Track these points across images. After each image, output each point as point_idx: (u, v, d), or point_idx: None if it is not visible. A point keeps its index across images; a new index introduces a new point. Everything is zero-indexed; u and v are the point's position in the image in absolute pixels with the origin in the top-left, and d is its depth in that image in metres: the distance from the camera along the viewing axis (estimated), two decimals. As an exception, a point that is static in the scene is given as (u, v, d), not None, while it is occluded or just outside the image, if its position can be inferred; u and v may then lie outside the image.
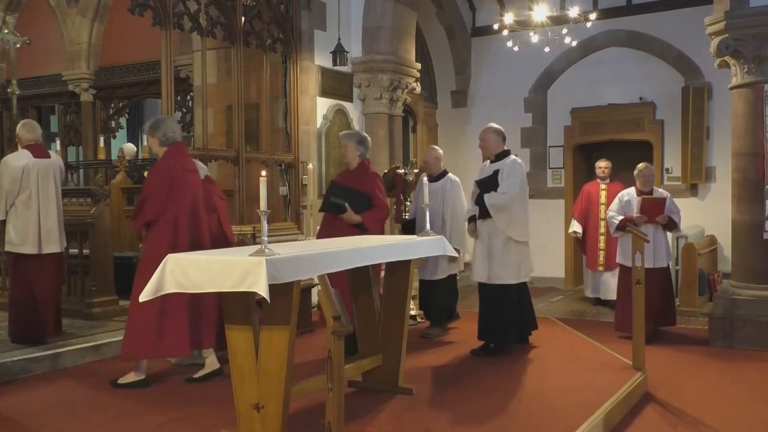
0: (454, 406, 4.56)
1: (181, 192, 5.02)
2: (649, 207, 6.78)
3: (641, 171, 7.05)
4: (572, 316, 8.26)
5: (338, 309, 3.10)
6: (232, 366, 3.82)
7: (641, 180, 7.02)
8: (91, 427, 4.24)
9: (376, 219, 5.72)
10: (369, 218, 5.65)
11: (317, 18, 8.22)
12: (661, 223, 6.78)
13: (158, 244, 4.90)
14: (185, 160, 5.20)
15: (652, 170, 7.14)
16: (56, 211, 5.93)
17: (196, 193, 5.16)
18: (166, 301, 4.68)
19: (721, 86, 8.30)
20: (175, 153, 5.12)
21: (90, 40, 10.57)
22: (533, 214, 10.81)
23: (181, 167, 5.08)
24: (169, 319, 4.88)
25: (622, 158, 10.75)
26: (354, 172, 5.90)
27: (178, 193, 5.01)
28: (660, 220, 6.76)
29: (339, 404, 3.22)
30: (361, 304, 4.93)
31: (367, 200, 5.69)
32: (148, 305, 4.51)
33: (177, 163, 5.08)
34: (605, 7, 10.10)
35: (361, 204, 5.66)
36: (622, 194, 7.11)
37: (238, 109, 7.31)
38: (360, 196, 5.68)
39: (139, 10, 6.42)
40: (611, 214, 6.96)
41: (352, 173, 5.91)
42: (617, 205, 7.02)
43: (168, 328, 4.88)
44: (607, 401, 4.55)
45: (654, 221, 6.75)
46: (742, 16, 6.46)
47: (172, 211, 4.97)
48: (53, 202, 5.91)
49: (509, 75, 10.95)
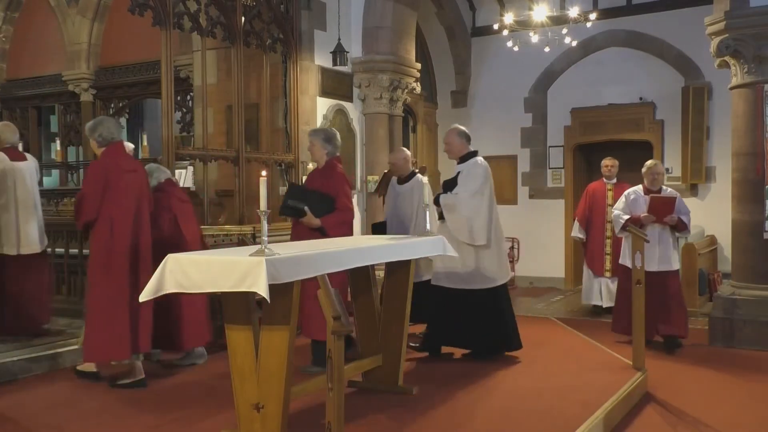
0: (454, 406, 4.56)
1: (117, 192, 4.94)
2: (658, 206, 6.39)
3: (650, 168, 6.66)
4: (572, 316, 8.26)
5: (338, 309, 3.10)
6: (232, 366, 3.82)
7: (650, 178, 6.63)
8: (90, 427, 4.24)
9: (336, 222, 5.28)
10: (329, 222, 5.24)
11: (317, 18, 8.22)
12: (669, 223, 6.41)
13: (97, 245, 4.92)
14: (123, 160, 5.12)
15: (661, 168, 6.77)
16: (35, 213, 5.97)
17: (136, 193, 5.07)
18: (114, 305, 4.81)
19: (721, 86, 8.30)
20: (113, 152, 5.06)
21: (90, 40, 10.56)
22: (533, 213, 11.02)
23: (117, 167, 5.00)
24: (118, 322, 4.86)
25: (622, 158, 10.75)
26: (321, 171, 5.52)
27: (114, 193, 4.93)
28: (669, 220, 6.39)
29: (339, 404, 3.21)
30: (361, 304, 4.94)
31: (331, 202, 5.30)
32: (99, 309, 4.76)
33: (114, 163, 5.01)
34: (605, 7, 10.10)
35: (325, 206, 5.28)
36: (629, 192, 6.72)
37: (238, 109, 7.31)
38: (323, 197, 5.31)
39: (139, 10, 6.41)
40: (617, 213, 6.55)
41: (319, 173, 5.54)
42: (623, 203, 6.63)
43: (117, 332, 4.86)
44: (607, 401, 4.55)
45: (662, 222, 6.39)
46: (742, 16, 6.46)
47: (108, 211, 4.90)
48: (32, 204, 5.95)
49: (509, 75, 10.96)
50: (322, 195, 5.31)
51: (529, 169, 11.06)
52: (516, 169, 11.11)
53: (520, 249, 10.98)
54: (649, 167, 6.69)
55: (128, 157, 5.31)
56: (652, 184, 6.62)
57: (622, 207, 6.60)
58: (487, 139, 11.26)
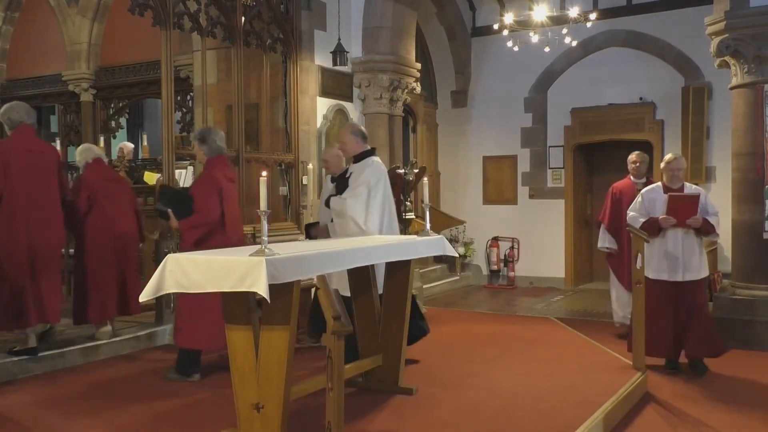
0: (454, 406, 4.56)
1: (18, 170, 5.14)
2: (678, 207, 5.57)
3: (669, 164, 5.80)
4: (572, 316, 8.26)
5: (338, 309, 3.10)
6: (232, 366, 3.82)
7: (669, 175, 5.79)
8: (90, 427, 4.24)
9: (189, 225, 5.06)
10: (184, 225, 5.08)
11: (317, 18, 8.22)
12: (693, 226, 5.57)
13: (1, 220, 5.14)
14: (29, 141, 5.33)
15: (682, 162, 5.85)
16: None
17: (41, 172, 5.27)
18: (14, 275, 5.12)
19: (721, 86, 8.30)
20: (20, 134, 5.29)
21: (90, 40, 10.56)
22: (533, 213, 11.01)
23: (20, 147, 5.21)
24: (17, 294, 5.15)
25: (623, 158, 10.76)
26: None
27: (16, 170, 5.13)
28: (692, 223, 5.56)
29: (339, 404, 3.22)
30: (361, 304, 4.93)
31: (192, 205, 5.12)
32: None
33: (17, 144, 5.24)
34: (605, 7, 10.10)
35: (188, 209, 5.09)
36: (646, 191, 5.92)
37: (238, 109, 7.30)
38: (189, 199, 5.14)
39: (139, 10, 6.41)
40: (632, 215, 5.80)
41: None
42: (639, 204, 5.84)
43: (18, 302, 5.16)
44: (607, 401, 4.55)
45: (684, 224, 5.58)
46: (742, 16, 6.46)
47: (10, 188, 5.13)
48: None
49: (509, 75, 10.96)
50: (189, 196, 5.17)
51: (529, 169, 11.06)
52: (516, 169, 11.12)
53: (520, 249, 10.98)
54: (667, 162, 5.83)
55: (36, 140, 5.52)
56: (671, 181, 5.79)
57: (638, 208, 5.83)
58: (487, 139, 11.32)
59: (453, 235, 10.88)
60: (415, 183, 7.42)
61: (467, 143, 11.48)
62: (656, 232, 5.63)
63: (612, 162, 10.93)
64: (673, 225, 5.58)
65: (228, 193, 5.23)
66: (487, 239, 11.18)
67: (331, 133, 8.35)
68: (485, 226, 11.17)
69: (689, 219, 5.56)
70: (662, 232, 5.64)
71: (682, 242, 5.62)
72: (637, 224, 5.65)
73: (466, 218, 10.98)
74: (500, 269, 11.10)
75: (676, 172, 5.75)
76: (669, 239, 5.64)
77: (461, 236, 11.07)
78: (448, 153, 11.58)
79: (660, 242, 5.66)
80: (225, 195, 5.17)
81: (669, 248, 5.63)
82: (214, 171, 5.20)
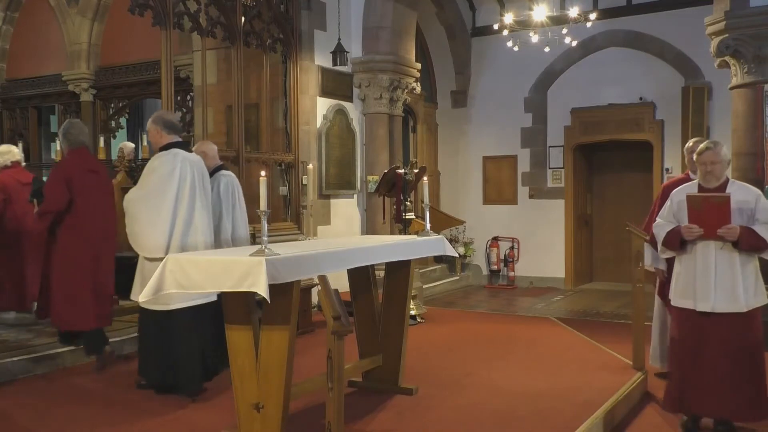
0: (454, 406, 4.56)
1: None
2: (703, 212, 4.08)
3: (700, 156, 4.21)
4: (572, 316, 8.26)
5: (338, 309, 3.10)
6: (232, 366, 3.82)
7: (701, 170, 4.24)
8: (90, 426, 4.24)
9: (39, 213, 5.32)
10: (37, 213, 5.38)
11: (317, 18, 8.22)
12: (727, 238, 4.03)
13: None
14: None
15: (720, 153, 4.17)
16: None
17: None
18: None
19: (721, 86, 8.29)
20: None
21: (90, 40, 10.56)
22: (533, 213, 11.01)
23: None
24: None
25: (622, 159, 10.80)
26: None
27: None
28: (726, 234, 4.01)
29: (339, 404, 3.22)
30: (361, 304, 4.94)
31: None
32: None
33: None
34: (605, 7, 10.10)
35: None
36: (677, 191, 4.38)
37: (238, 109, 7.31)
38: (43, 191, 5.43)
39: (139, 10, 6.41)
40: (658, 223, 4.39)
41: None
42: (668, 208, 4.38)
43: None
44: (607, 401, 4.55)
45: (715, 235, 4.05)
46: (742, 16, 6.47)
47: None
48: None
49: (509, 75, 10.96)
50: None
51: (529, 169, 11.07)
52: (516, 169, 11.12)
53: (520, 249, 10.99)
54: (695, 152, 4.34)
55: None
56: (704, 179, 4.24)
57: (666, 214, 4.38)
58: (487, 139, 11.32)
59: (453, 235, 10.88)
60: (415, 183, 7.41)
61: (467, 143, 11.48)
62: (678, 245, 4.22)
63: (612, 162, 10.96)
64: (701, 236, 4.10)
65: (85, 183, 5.27)
66: (487, 239, 11.18)
67: (331, 133, 8.36)
68: (485, 226, 11.18)
69: (721, 229, 4.02)
70: (690, 246, 4.18)
71: (715, 260, 4.09)
72: (661, 234, 4.30)
73: (466, 218, 10.98)
74: (500, 269, 11.11)
75: (709, 166, 4.17)
76: (698, 255, 4.15)
77: (461, 236, 11.08)
78: (448, 153, 11.59)
79: (687, 259, 4.22)
80: (79, 185, 5.23)
81: (698, 267, 4.14)
82: (67, 162, 5.40)
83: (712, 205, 4.07)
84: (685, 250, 4.21)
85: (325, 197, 8.32)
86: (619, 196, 10.78)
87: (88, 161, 5.48)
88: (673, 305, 4.31)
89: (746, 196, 4.14)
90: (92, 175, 5.35)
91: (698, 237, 4.10)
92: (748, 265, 4.12)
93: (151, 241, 4.60)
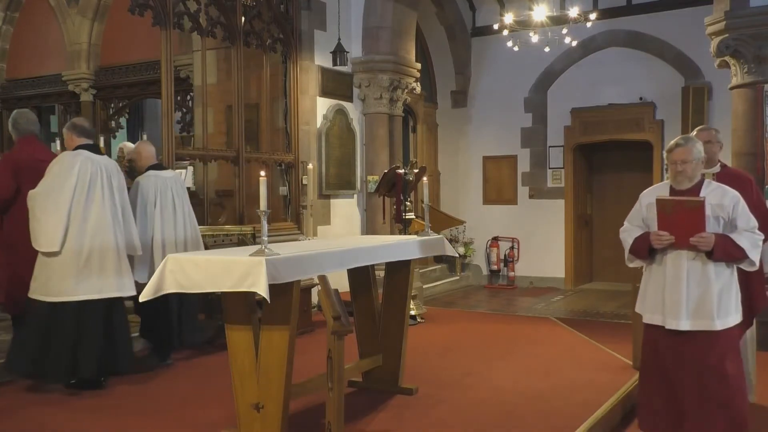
0: (455, 406, 4.56)
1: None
2: (673, 217, 3.63)
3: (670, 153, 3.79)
4: (572, 316, 8.26)
5: (338, 309, 3.10)
6: (232, 366, 3.82)
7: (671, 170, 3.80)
8: (91, 427, 4.24)
9: None
10: None
11: (317, 18, 8.22)
12: (701, 248, 3.58)
13: None
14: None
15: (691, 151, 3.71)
16: None
17: None
18: None
19: (721, 86, 8.29)
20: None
21: (90, 40, 10.56)
22: (533, 213, 11.01)
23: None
24: None
25: (623, 158, 10.80)
26: None
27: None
28: (698, 243, 3.57)
29: (339, 404, 3.22)
30: (361, 304, 4.94)
31: None
32: None
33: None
34: (605, 7, 10.10)
35: None
36: (646, 193, 3.96)
37: (238, 109, 7.31)
38: None
39: (139, 10, 6.41)
40: (624, 228, 3.98)
41: None
42: (635, 211, 3.96)
43: None
44: (607, 401, 4.55)
45: (687, 244, 3.60)
46: (742, 16, 6.46)
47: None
48: None
49: (509, 75, 10.96)
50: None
51: (529, 169, 11.07)
52: (516, 169, 11.12)
53: (520, 249, 10.99)
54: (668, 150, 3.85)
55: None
56: (674, 179, 3.81)
57: (634, 217, 3.96)
58: (487, 139, 11.32)
59: (453, 235, 10.88)
60: (415, 183, 7.42)
61: (467, 143, 11.48)
62: (646, 254, 3.79)
63: (612, 162, 10.96)
64: (669, 245, 3.66)
65: (32, 172, 5.15)
66: (487, 239, 11.18)
67: (331, 133, 8.36)
68: (485, 226, 11.18)
69: (693, 238, 3.57)
70: (660, 256, 3.75)
71: (687, 271, 3.64)
72: (629, 241, 3.88)
73: (466, 218, 10.98)
74: (500, 269, 11.11)
75: (679, 165, 3.72)
76: (668, 266, 3.70)
77: (461, 236, 11.08)
78: (448, 153, 11.59)
79: (656, 270, 3.80)
80: (26, 174, 5.14)
81: (668, 279, 3.70)
82: (15, 150, 5.36)
83: (684, 209, 3.59)
84: (654, 260, 3.78)
85: (325, 197, 8.33)
86: (619, 196, 10.75)
87: (37, 150, 5.39)
88: (644, 322, 3.86)
89: (723, 200, 3.67)
90: (41, 165, 5.16)
91: (669, 246, 3.64)
92: (722, 277, 3.65)
93: (47, 237, 4.74)
